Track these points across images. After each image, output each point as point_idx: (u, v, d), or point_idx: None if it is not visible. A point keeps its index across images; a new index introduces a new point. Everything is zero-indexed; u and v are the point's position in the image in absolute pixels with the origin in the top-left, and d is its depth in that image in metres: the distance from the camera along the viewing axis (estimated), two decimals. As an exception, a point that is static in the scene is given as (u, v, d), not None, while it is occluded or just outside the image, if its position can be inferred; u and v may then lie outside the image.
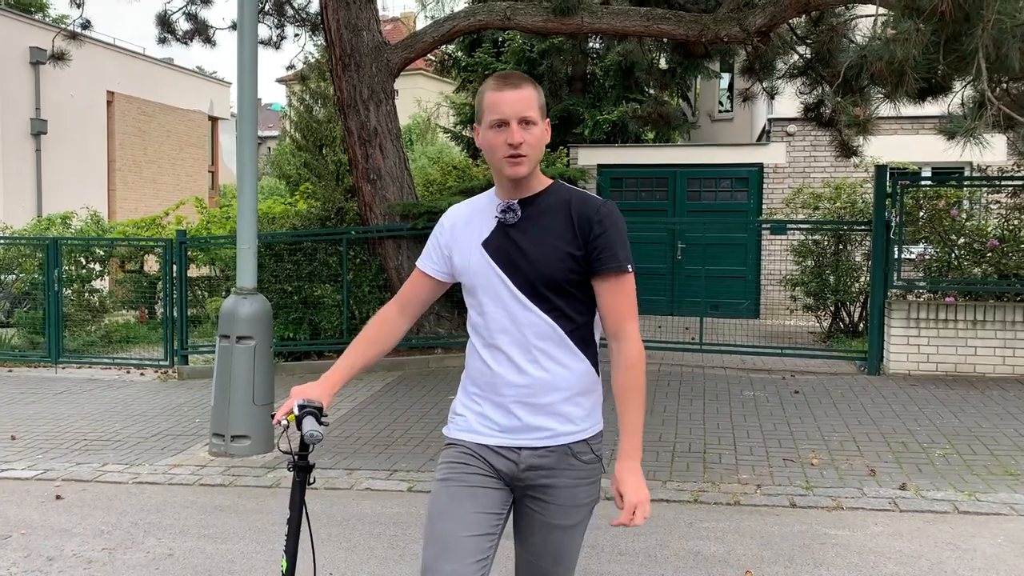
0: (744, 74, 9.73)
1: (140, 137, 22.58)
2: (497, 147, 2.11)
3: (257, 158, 6.43)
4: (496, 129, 2.11)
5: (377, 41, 9.49)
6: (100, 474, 5.72)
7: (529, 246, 2.14)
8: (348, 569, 4.05)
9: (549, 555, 2.22)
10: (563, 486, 2.17)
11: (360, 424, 6.91)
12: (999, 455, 5.64)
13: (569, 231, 2.13)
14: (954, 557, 4.05)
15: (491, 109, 2.11)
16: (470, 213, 2.27)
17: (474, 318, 2.22)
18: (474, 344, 2.23)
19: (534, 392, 2.14)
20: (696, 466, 5.57)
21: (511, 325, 2.14)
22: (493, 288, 2.16)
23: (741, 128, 16.85)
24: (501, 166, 2.12)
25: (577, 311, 2.16)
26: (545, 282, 2.12)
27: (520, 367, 2.14)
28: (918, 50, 4.98)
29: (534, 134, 2.12)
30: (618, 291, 2.13)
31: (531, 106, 2.11)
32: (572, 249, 2.11)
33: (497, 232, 2.18)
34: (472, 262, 2.19)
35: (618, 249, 2.12)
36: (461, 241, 2.23)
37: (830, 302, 10.35)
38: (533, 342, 2.13)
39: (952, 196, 8.76)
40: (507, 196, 2.20)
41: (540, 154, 2.15)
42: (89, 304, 11.87)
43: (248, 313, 6.07)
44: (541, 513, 2.19)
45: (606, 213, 2.14)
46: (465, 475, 2.16)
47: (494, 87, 2.13)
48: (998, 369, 8.02)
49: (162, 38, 11.48)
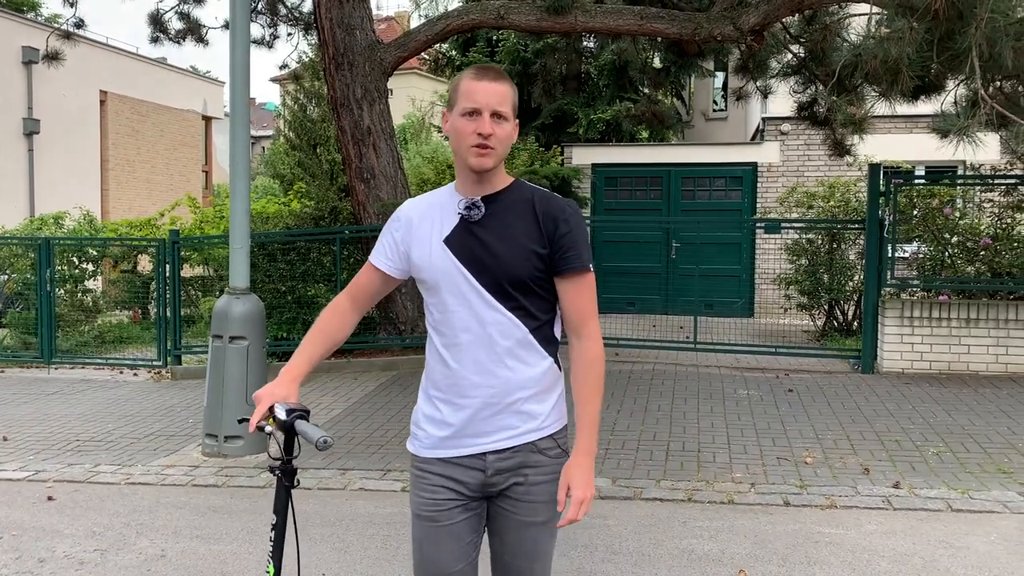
0: (738, 73, 9.74)
1: (133, 137, 22.52)
2: (466, 135, 2.08)
3: (250, 157, 6.41)
4: (467, 117, 2.08)
5: (370, 40, 9.47)
6: (92, 475, 5.69)
7: (495, 244, 2.11)
8: (341, 569, 4.03)
9: (524, 553, 2.20)
10: (533, 483, 2.16)
11: (354, 424, 6.89)
12: (992, 453, 5.65)
13: (534, 229, 2.11)
14: (947, 555, 4.06)
15: (466, 97, 2.09)
16: (428, 208, 2.22)
17: (435, 316, 2.18)
18: (435, 344, 2.19)
19: (498, 392, 2.12)
20: (690, 465, 5.57)
21: (475, 324, 2.12)
22: (456, 286, 2.13)
23: (735, 127, 16.87)
24: (467, 156, 2.09)
25: (541, 309, 2.15)
26: (511, 280, 2.10)
27: (484, 366, 2.12)
28: (912, 48, 4.99)
29: (504, 129, 2.10)
30: (581, 290, 2.13)
31: (505, 101, 2.09)
32: (537, 247, 2.10)
33: (460, 229, 2.15)
34: (434, 259, 2.15)
35: (582, 249, 2.12)
36: (420, 237, 2.19)
37: (824, 301, 10.36)
38: (498, 341, 2.12)
39: (945, 195, 8.78)
40: (470, 192, 2.16)
41: (507, 151, 2.14)
42: (82, 304, 11.82)
43: (241, 313, 6.05)
44: (514, 512, 2.17)
45: (571, 213, 2.14)
46: (438, 513, 2.17)
47: (472, 76, 2.11)
48: (991, 367, 8.03)
49: (155, 37, 11.45)
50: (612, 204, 13.92)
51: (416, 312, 9.42)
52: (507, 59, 15.30)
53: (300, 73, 17.66)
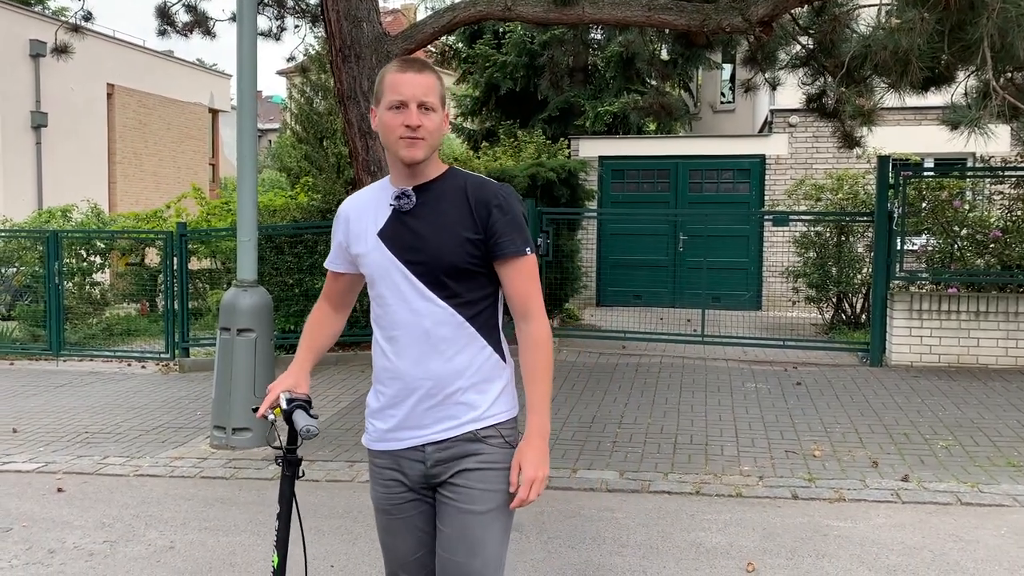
0: (746, 65, 9.68)
1: (140, 130, 22.54)
2: (393, 128, 2.07)
3: (257, 150, 6.41)
4: (394, 111, 2.07)
5: (377, 32, 9.44)
6: (101, 467, 5.71)
7: (427, 232, 2.10)
8: (349, 561, 4.04)
9: (463, 546, 2.09)
10: (471, 469, 2.12)
11: (361, 416, 6.87)
12: (1002, 446, 5.63)
13: (467, 216, 2.09)
14: (957, 548, 4.04)
15: (391, 90, 2.07)
16: (363, 203, 2.22)
17: (376, 310, 2.18)
18: (376, 337, 2.20)
19: (436, 383, 2.11)
20: (698, 458, 5.56)
21: (410, 316, 2.11)
22: (391, 278, 2.12)
23: (743, 119, 16.80)
24: (396, 148, 2.08)
25: (477, 297, 2.13)
26: (445, 269, 2.09)
27: (421, 359, 2.11)
28: (923, 39, 4.95)
29: (433, 120, 2.08)
30: (520, 274, 2.11)
31: (432, 92, 2.08)
32: (470, 234, 2.08)
33: (392, 220, 2.14)
34: (370, 253, 2.15)
35: (516, 233, 2.10)
36: (357, 232, 2.19)
37: (832, 294, 10.32)
38: (434, 331, 2.10)
39: (955, 187, 8.73)
40: (403, 183, 2.15)
41: (438, 142, 2.12)
42: (90, 297, 11.87)
43: (248, 305, 6.05)
44: (454, 499, 2.12)
45: (504, 197, 2.11)
46: (392, 507, 2.21)
47: (396, 69, 2.09)
48: (1001, 360, 8.00)
49: (162, 30, 11.43)
50: (619, 197, 13.88)
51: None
52: (514, 51, 15.27)
53: (307, 66, 17.65)
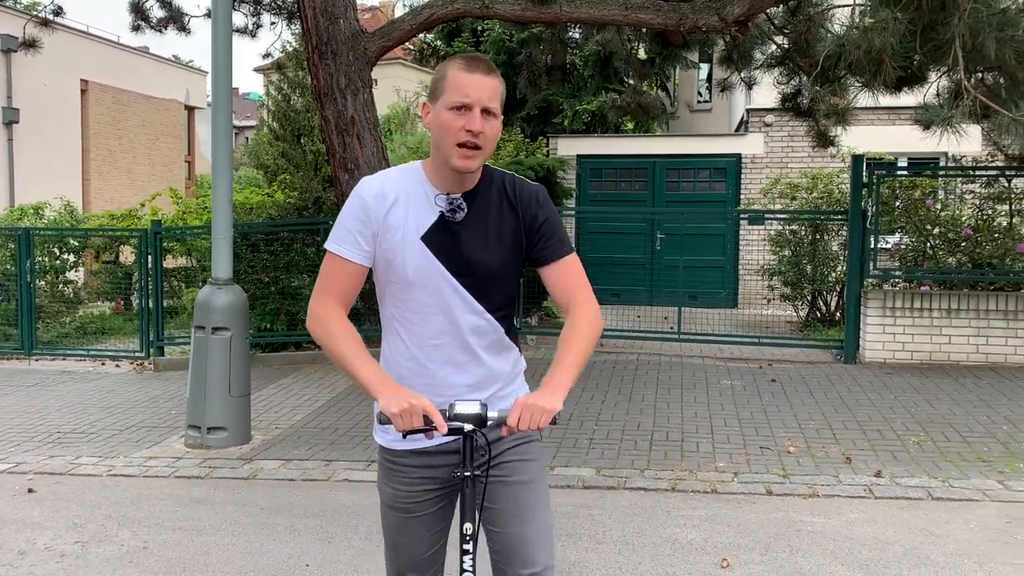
0: (722, 64, 9.74)
1: (115, 126, 22.29)
2: (453, 132, 1.94)
3: (232, 147, 6.36)
4: (455, 112, 1.94)
5: (354, 29, 9.40)
6: (74, 467, 5.65)
7: (479, 246, 2.04)
8: (325, 560, 4.02)
9: (516, 517, 2.07)
10: (510, 446, 2.13)
11: (338, 415, 6.87)
12: (972, 442, 5.70)
13: (515, 224, 2.07)
14: (928, 542, 4.09)
15: (455, 89, 1.95)
16: (396, 194, 2.05)
17: (406, 315, 2.07)
18: (404, 341, 2.09)
19: (474, 387, 2.11)
20: (674, 454, 5.59)
21: (452, 326, 2.06)
22: (437, 288, 2.04)
23: (719, 118, 16.89)
24: (450, 154, 1.96)
25: (513, 307, 2.15)
26: (497, 283, 2.06)
27: (461, 366, 2.09)
28: (895, 39, 5.00)
29: (494, 127, 1.98)
30: (572, 271, 2.10)
31: (496, 96, 1.98)
32: (518, 243, 2.08)
33: (440, 227, 2.03)
34: (409, 256, 2.02)
35: (562, 233, 2.10)
36: (391, 226, 2.03)
37: (807, 291, 10.41)
38: (477, 342, 2.09)
39: (927, 186, 8.82)
40: (447, 186, 2.04)
41: (493, 150, 2.03)
42: (63, 295, 11.73)
43: (224, 304, 6.01)
44: (499, 475, 2.11)
45: (545, 197, 2.11)
46: (414, 505, 2.16)
47: (463, 67, 1.97)
48: (972, 357, 8.10)
49: (136, 26, 11.31)
50: (597, 195, 13.92)
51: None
52: (492, 49, 15.26)
53: (284, 62, 17.53)
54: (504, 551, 2.09)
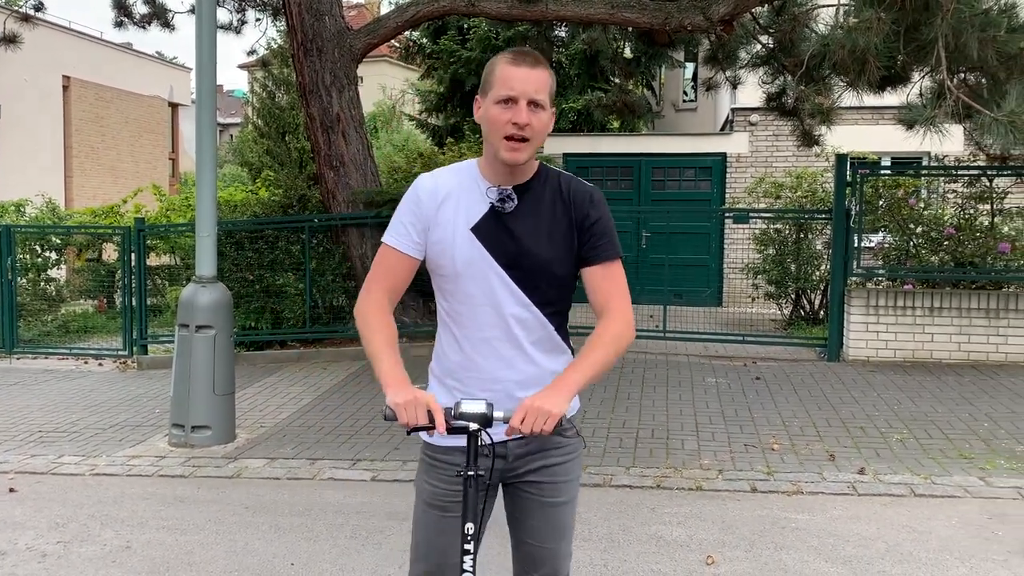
0: (708, 63, 9.79)
1: (97, 123, 22.11)
2: (500, 125, 1.97)
3: (216, 144, 6.32)
4: (502, 105, 1.98)
5: (340, 26, 9.38)
6: (56, 466, 5.60)
7: (528, 238, 2.05)
8: (310, 559, 4.01)
9: (550, 534, 2.17)
10: (554, 464, 2.15)
11: (323, 414, 6.85)
12: (954, 439, 5.75)
13: (566, 220, 2.07)
14: (910, 539, 4.12)
15: (502, 83, 1.98)
16: (449, 188, 2.09)
17: (456, 308, 2.09)
18: (453, 334, 2.11)
19: (523, 384, 2.09)
20: (659, 452, 5.60)
21: (500, 319, 2.06)
22: (485, 279, 2.05)
23: (705, 118, 16.94)
24: (498, 147, 1.99)
25: (565, 305, 2.13)
26: (546, 277, 2.06)
27: (509, 361, 2.08)
28: (879, 39, 5.04)
29: (541, 119, 1.99)
30: (614, 276, 2.09)
31: (543, 89, 1.99)
32: (569, 239, 2.07)
33: (489, 218, 2.05)
34: (458, 247, 2.04)
35: (612, 236, 2.09)
36: (443, 219, 2.07)
37: (791, 290, 10.46)
38: (525, 338, 2.08)
39: (910, 185, 8.89)
40: (499, 179, 2.07)
41: (541, 142, 2.05)
42: (45, 293, 11.63)
43: (208, 302, 5.97)
44: (538, 495, 2.15)
45: (600, 199, 2.10)
46: (452, 504, 2.10)
47: (510, 60, 1.99)
48: (954, 355, 8.17)
49: (119, 22, 11.24)
50: (583, 193, 13.91)
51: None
52: (478, 47, 15.23)
53: (268, 60, 17.45)
54: (532, 560, 2.20)
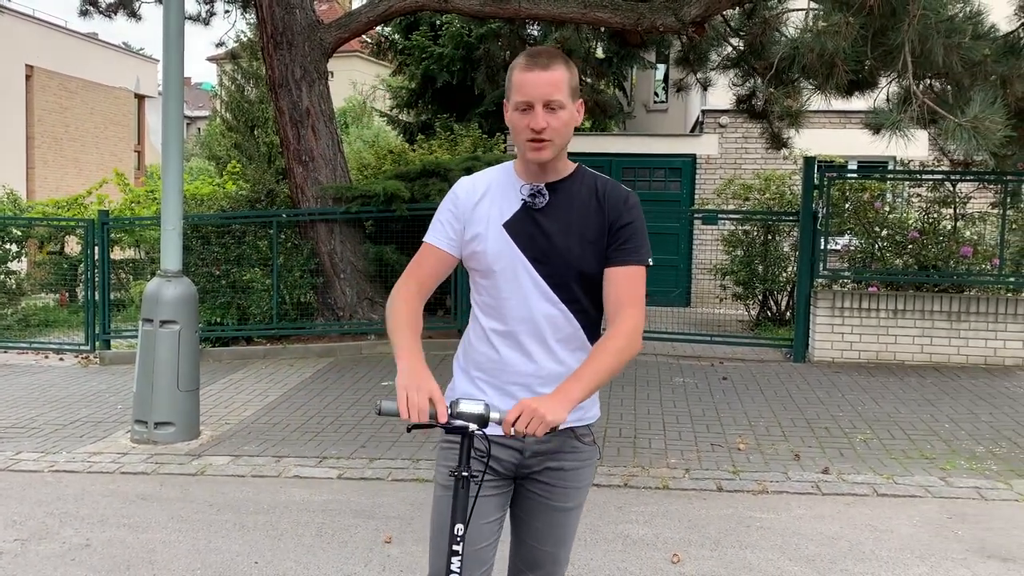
0: (679, 65, 9.84)
1: (61, 114, 21.73)
2: (520, 130, 2.03)
3: (184, 137, 6.24)
4: (521, 112, 2.02)
5: (311, 20, 9.30)
6: (13, 463, 5.49)
7: (558, 235, 2.06)
8: (274, 557, 3.97)
9: (552, 538, 2.18)
10: (568, 468, 2.15)
11: (289, 411, 6.78)
12: (916, 440, 5.84)
13: (598, 219, 2.07)
14: (872, 538, 4.18)
15: (517, 89, 2.02)
16: (486, 187, 2.14)
17: (487, 301, 2.12)
18: (483, 327, 2.13)
19: (544, 381, 2.09)
20: (626, 451, 5.62)
21: (529, 315, 2.08)
22: (514, 274, 2.08)
23: (675, 119, 17.05)
24: (524, 149, 2.04)
25: (594, 305, 2.12)
26: (574, 274, 2.07)
27: (534, 357, 2.09)
28: (847, 43, 5.10)
29: (560, 118, 2.02)
30: (634, 280, 2.08)
31: (559, 88, 2.00)
32: (600, 240, 2.07)
33: (522, 215, 2.09)
34: (491, 243, 2.08)
35: (642, 241, 2.08)
36: (478, 216, 2.11)
37: (758, 291, 10.55)
38: (551, 334, 2.09)
39: (876, 189, 9.01)
40: (532, 178, 2.11)
41: (567, 139, 2.06)
42: (5, 286, 11.39)
43: (172, 297, 5.89)
44: (547, 497, 2.16)
45: (635, 203, 2.11)
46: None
47: (523, 66, 2.02)
48: (916, 357, 8.29)
49: (84, 10, 11.03)
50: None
51: (355, 298, 9.30)
52: (451, 43, 15.19)
53: (238, 52, 17.27)
54: (529, 561, 2.22)
